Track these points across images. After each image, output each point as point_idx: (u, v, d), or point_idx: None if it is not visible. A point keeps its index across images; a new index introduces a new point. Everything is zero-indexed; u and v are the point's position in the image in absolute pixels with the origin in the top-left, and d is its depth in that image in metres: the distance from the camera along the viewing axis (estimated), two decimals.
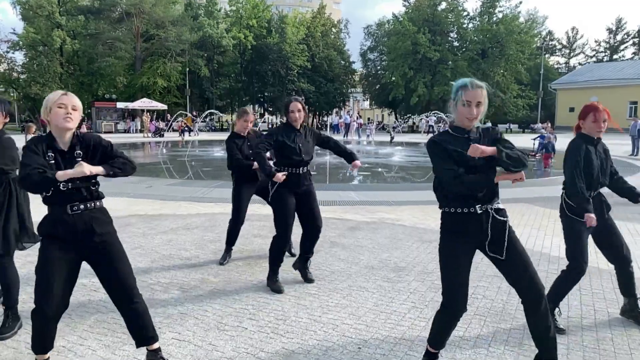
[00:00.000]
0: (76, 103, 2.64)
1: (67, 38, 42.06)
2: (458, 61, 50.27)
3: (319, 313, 3.70)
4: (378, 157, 19.94)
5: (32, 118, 39.68)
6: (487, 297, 4.07)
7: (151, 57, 46.30)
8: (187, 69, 46.33)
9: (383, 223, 6.90)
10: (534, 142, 19.87)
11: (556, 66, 68.72)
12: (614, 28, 66.07)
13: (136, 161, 2.85)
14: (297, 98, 4.22)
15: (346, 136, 34.78)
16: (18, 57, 45.27)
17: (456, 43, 54.84)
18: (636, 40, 64.69)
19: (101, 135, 2.87)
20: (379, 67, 60.50)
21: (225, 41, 48.99)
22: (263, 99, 57.30)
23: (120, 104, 40.17)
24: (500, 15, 51.43)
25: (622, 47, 66.25)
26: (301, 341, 3.23)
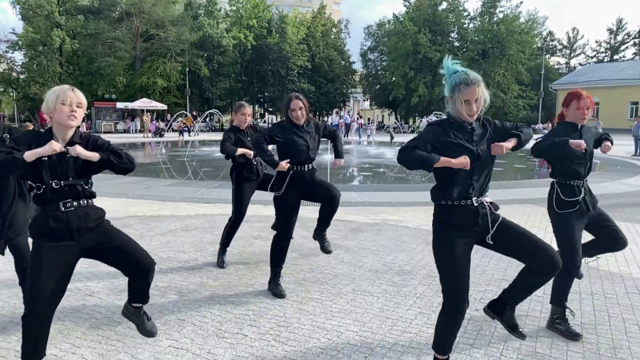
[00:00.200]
0: (81, 99, 2.53)
1: (67, 38, 41.95)
2: (459, 61, 50.11)
3: (323, 319, 3.55)
4: (379, 158, 19.79)
5: (32, 118, 39.53)
6: None
7: (151, 57, 46.18)
8: (187, 69, 46.19)
9: (386, 224, 6.76)
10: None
11: (557, 66, 68.61)
12: (615, 28, 65.93)
13: (136, 161, 2.73)
14: (298, 95, 4.01)
15: (346, 136, 34.65)
16: (17, 57, 45.15)
17: (457, 43, 54.74)
18: (637, 40, 64.54)
19: (101, 135, 2.73)
20: (379, 68, 60.40)
21: (225, 41, 48.85)
22: (263, 99, 57.16)
23: (119, 104, 40.04)
24: (500, 15, 51.33)
25: (623, 48, 66.11)
26: (304, 349, 3.08)
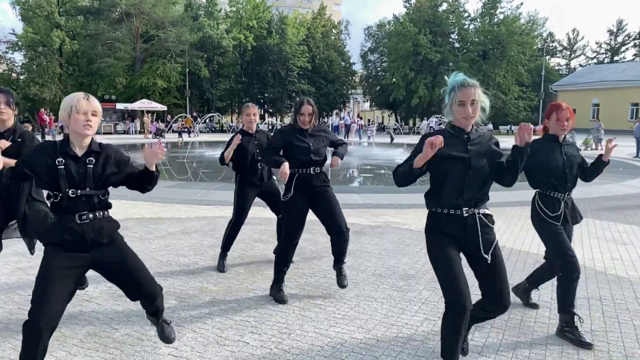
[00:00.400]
0: (96, 108, 2.49)
1: (67, 38, 41.85)
2: (459, 62, 50.05)
3: (326, 326, 3.46)
4: (380, 159, 19.70)
5: (31, 119, 39.42)
6: None
7: (151, 58, 46.07)
8: (187, 70, 46.09)
9: (389, 227, 6.67)
10: None
11: (557, 68, 68.57)
12: (615, 30, 65.90)
13: (135, 162, 2.69)
14: (310, 100, 3.99)
15: (346, 137, 34.56)
16: (17, 58, 44.99)
17: (457, 44, 54.66)
18: (637, 42, 64.48)
19: (111, 143, 2.68)
20: (380, 69, 60.36)
21: (225, 42, 48.77)
22: (263, 100, 57.08)
23: (119, 105, 39.88)
24: (501, 16, 51.27)
25: (623, 49, 66.08)
26: (307, 358, 2.99)
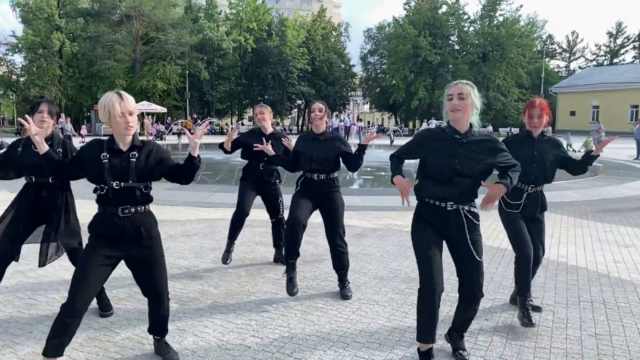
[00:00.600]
0: (132, 108, 2.61)
1: (67, 40, 41.92)
2: (459, 64, 50.11)
3: (328, 330, 3.44)
4: (380, 161, 19.68)
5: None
6: (507, 312, 3.80)
7: (151, 60, 46.10)
8: (187, 72, 46.12)
9: (390, 230, 6.64)
10: None
11: (556, 70, 68.65)
12: (614, 32, 65.99)
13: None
14: (322, 101, 4.13)
15: (346, 139, 34.53)
16: (17, 60, 44.92)
17: (457, 46, 54.68)
18: (636, 44, 64.58)
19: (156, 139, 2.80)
20: (379, 71, 60.38)
21: (225, 44, 48.81)
22: (263, 102, 57.06)
23: None
24: (500, 18, 51.33)
25: (623, 51, 66.17)
26: None
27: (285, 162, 4.26)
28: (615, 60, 65.12)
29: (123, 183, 2.60)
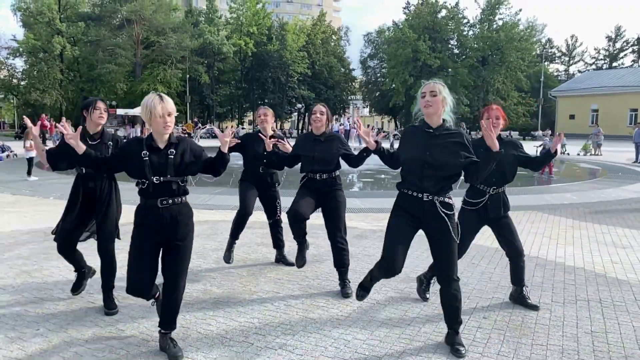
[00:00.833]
0: (171, 109, 2.90)
1: (68, 44, 41.96)
2: (458, 68, 50.24)
3: (329, 327, 3.50)
4: (380, 165, 19.76)
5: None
6: (505, 310, 3.87)
7: (151, 64, 46.22)
8: (188, 76, 46.25)
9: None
10: (537, 150, 19.76)
11: (556, 74, 68.77)
12: (614, 36, 66.19)
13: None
14: (323, 104, 4.25)
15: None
16: (18, 64, 45.06)
17: (456, 50, 54.83)
18: (635, 48, 64.77)
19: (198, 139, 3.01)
20: (379, 75, 60.52)
21: (225, 48, 48.96)
22: (263, 106, 57.24)
23: (120, 111, 39.94)
24: (500, 22, 51.45)
25: (622, 55, 66.34)
26: (311, 358, 3.02)
27: (283, 158, 4.30)
28: (614, 64, 65.29)
29: (162, 178, 2.87)
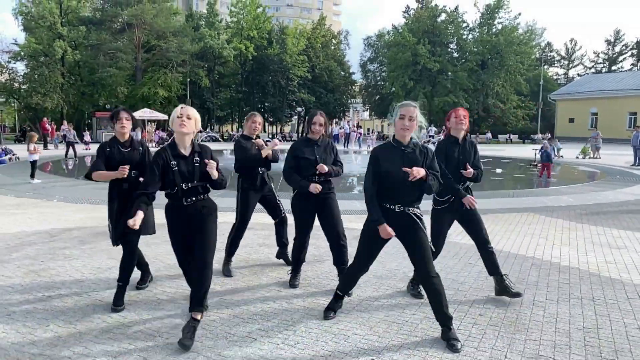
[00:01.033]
0: (191, 113, 3.27)
1: (69, 48, 42.12)
2: (458, 72, 50.46)
3: (330, 323, 3.62)
4: None
5: (33, 128, 39.63)
6: (500, 307, 3.99)
7: (152, 68, 46.41)
8: (188, 80, 46.44)
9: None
10: (536, 153, 19.90)
11: (555, 77, 69.03)
12: (613, 39, 66.48)
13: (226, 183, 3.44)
14: (322, 112, 4.41)
15: (346, 146, 34.78)
16: (19, 68, 45.11)
17: (456, 54, 55.10)
18: (635, 51, 65.06)
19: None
20: (379, 78, 60.74)
21: (226, 52, 49.18)
22: (264, 110, 57.43)
23: None
24: (499, 26, 51.74)
25: (621, 59, 66.63)
26: (313, 352, 3.14)
27: (300, 185, 4.34)
28: (613, 67, 65.57)
29: (190, 184, 3.25)
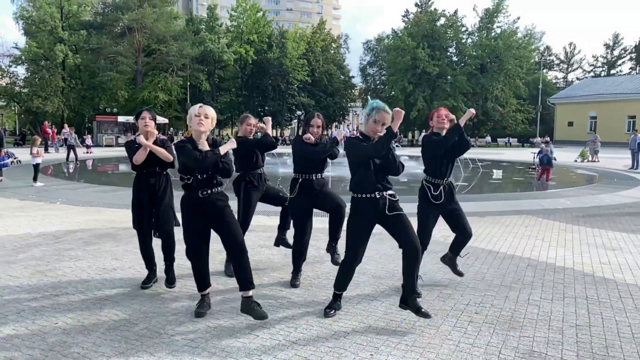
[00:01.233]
0: (208, 112, 3.59)
1: (69, 52, 42.30)
2: (457, 76, 50.64)
3: (330, 321, 3.73)
4: None
5: (34, 131, 39.75)
6: (496, 306, 4.10)
7: (152, 72, 46.60)
8: (188, 83, 46.63)
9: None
10: (535, 156, 20.05)
11: (554, 81, 69.29)
12: (611, 43, 66.74)
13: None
14: (319, 115, 4.63)
15: None
16: (20, 72, 45.23)
17: (455, 58, 55.28)
18: (633, 55, 65.31)
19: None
20: (379, 82, 60.90)
21: (226, 56, 49.41)
22: (263, 113, 57.59)
23: (121, 118, 40.17)
24: (498, 30, 51.94)
25: (620, 62, 66.86)
26: (314, 348, 3.25)
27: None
28: (612, 71, 65.82)
29: (205, 174, 3.58)
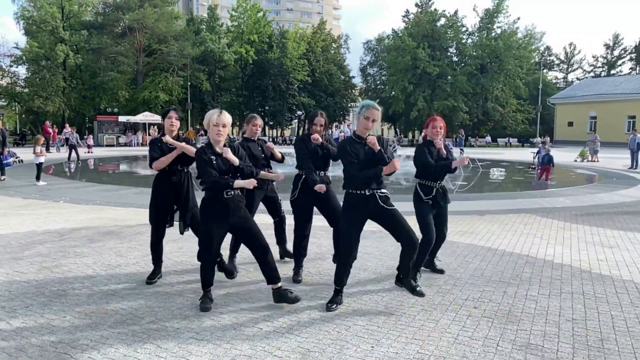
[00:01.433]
0: (226, 121, 3.75)
1: (70, 52, 42.43)
2: (457, 76, 50.73)
3: (332, 315, 3.81)
4: None
5: (34, 131, 39.84)
6: (494, 301, 4.18)
7: (153, 72, 46.73)
8: (189, 83, 46.76)
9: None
10: (534, 156, 20.14)
11: (554, 81, 69.36)
12: (611, 44, 66.82)
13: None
14: (322, 113, 4.71)
15: None
16: (21, 71, 45.30)
17: (455, 58, 55.41)
18: (633, 55, 65.38)
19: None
20: (379, 82, 61.04)
21: (226, 56, 49.53)
22: (264, 113, 57.73)
23: (122, 118, 40.36)
24: (498, 30, 52.04)
25: (620, 63, 66.93)
26: (316, 340, 3.34)
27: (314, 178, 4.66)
28: (612, 71, 65.90)
29: (225, 176, 3.72)
